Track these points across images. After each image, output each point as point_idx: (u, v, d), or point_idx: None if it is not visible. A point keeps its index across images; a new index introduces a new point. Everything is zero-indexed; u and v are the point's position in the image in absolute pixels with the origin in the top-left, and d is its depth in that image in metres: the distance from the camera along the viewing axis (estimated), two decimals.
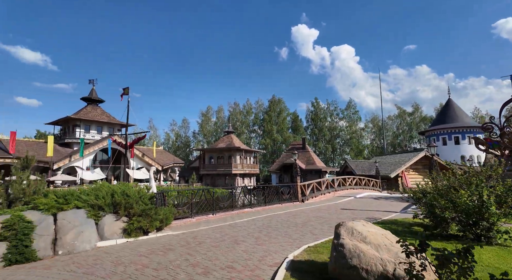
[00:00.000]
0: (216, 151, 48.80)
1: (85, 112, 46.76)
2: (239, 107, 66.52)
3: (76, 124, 44.69)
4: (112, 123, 48.37)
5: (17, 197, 7.00)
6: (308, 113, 64.71)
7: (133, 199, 7.96)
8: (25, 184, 7.37)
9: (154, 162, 46.28)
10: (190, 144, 74.19)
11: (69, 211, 6.98)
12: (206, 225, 9.76)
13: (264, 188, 14.14)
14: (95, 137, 45.54)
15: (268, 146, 60.75)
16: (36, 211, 6.71)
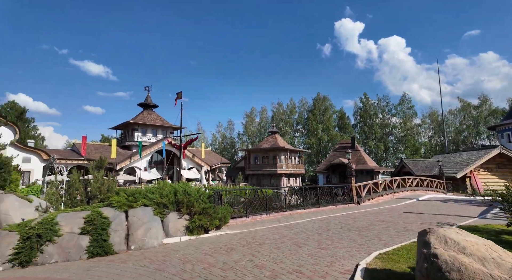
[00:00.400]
0: (261, 151, 49.05)
1: (141, 116, 50.89)
2: (283, 107, 66.11)
3: (135, 128, 48.87)
4: (166, 126, 51.85)
5: (94, 195, 7.70)
6: (356, 110, 61.45)
7: (193, 198, 8.19)
8: (99, 182, 8.08)
9: (203, 162, 48.41)
10: (235, 145, 76.04)
11: (138, 208, 7.43)
12: (261, 225, 9.66)
13: (317, 188, 13.59)
14: (151, 139, 49.23)
15: (313, 145, 59.15)
16: (110, 208, 7.27)
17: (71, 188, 7.60)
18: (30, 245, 5.61)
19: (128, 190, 8.27)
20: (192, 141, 21.68)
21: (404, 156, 57.00)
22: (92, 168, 8.25)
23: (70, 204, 7.61)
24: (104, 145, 47.74)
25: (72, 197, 7.59)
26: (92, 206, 7.21)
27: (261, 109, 69.56)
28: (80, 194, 7.65)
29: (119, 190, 8.29)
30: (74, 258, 5.89)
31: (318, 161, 62.33)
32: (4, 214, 8.67)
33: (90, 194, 7.71)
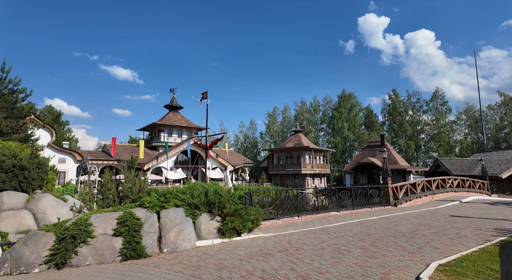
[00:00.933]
0: (284, 150, 48.33)
1: (167, 118, 52.11)
2: (306, 105, 64.77)
3: (161, 129, 50.13)
4: (190, 127, 52.72)
5: (125, 195, 7.60)
6: (385, 107, 58.73)
7: (225, 199, 7.84)
8: (131, 182, 7.97)
9: (226, 162, 48.63)
10: (258, 145, 75.81)
11: (170, 209, 7.19)
12: (294, 228, 9.13)
13: (350, 190, 12.79)
14: (176, 140, 50.25)
15: (339, 144, 57.35)
16: (142, 209, 7.10)
17: (103, 188, 7.56)
18: (65, 246, 5.50)
19: (159, 191, 8.09)
20: (217, 141, 21.59)
21: (436, 154, 53.62)
22: (123, 168, 8.19)
23: (102, 204, 7.58)
24: (132, 146, 49.42)
25: (105, 197, 7.54)
26: (124, 207, 7.07)
27: (283, 108, 68.79)
28: (112, 194, 7.59)
29: (150, 190, 8.14)
30: (107, 261, 5.73)
31: (344, 160, 60.40)
32: (41, 213, 8.84)
33: (122, 194, 7.63)
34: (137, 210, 6.98)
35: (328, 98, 63.58)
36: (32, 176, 9.12)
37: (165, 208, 7.23)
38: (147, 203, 7.11)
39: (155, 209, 7.07)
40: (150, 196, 7.66)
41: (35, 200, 8.98)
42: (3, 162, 8.57)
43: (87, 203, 7.42)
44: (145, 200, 7.20)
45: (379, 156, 39.39)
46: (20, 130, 22.10)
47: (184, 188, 8.39)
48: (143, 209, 7.07)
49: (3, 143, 10.17)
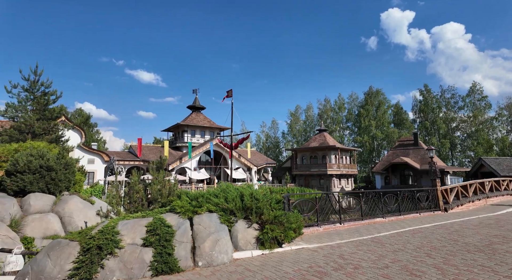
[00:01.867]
0: (309, 150, 46.81)
1: (190, 118, 52.39)
2: (330, 103, 62.58)
3: (184, 129, 50.45)
4: (213, 128, 52.66)
5: (155, 198, 6.90)
6: (415, 104, 55.31)
7: (262, 203, 6.91)
8: (160, 184, 7.27)
9: (249, 162, 47.93)
10: (280, 145, 74.61)
11: (203, 215, 6.38)
12: (339, 237, 8.02)
13: (396, 193, 11.41)
14: (199, 140, 50.34)
15: (366, 144, 54.77)
16: (173, 214, 6.34)
17: (131, 190, 6.94)
18: (91, 258, 4.82)
19: (189, 193, 7.32)
20: (243, 140, 20.84)
21: (473, 154, 49.60)
22: (151, 169, 7.55)
23: (130, 208, 6.96)
24: (157, 147, 50.11)
25: (132, 201, 6.92)
26: (154, 212, 6.35)
27: (306, 107, 66.99)
28: (140, 197, 6.96)
29: (181, 193, 7.39)
30: (137, 276, 4.99)
31: (371, 160, 57.68)
32: (68, 217, 8.38)
33: (151, 197, 6.96)
34: (167, 216, 6.24)
35: (353, 95, 61.10)
36: (59, 177, 8.73)
37: (197, 213, 6.43)
38: (178, 208, 6.34)
39: (187, 214, 6.28)
40: (181, 199, 6.90)
41: (62, 203, 8.57)
42: (30, 162, 8.22)
43: (114, 206, 6.83)
44: (176, 205, 6.44)
45: (412, 155, 36.88)
46: (52, 131, 22.63)
47: (216, 191, 7.57)
48: (174, 215, 6.31)
49: (31, 143, 10.01)
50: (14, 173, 8.14)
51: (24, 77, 22.15)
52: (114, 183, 7.22)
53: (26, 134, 21.16)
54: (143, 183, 7.28)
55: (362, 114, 55.43)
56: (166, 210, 6.53)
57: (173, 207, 6.50)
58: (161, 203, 6.94)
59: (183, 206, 6.44)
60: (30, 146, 9.14)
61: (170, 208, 6.53)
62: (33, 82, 22.63)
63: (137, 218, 6.04)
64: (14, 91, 21.68)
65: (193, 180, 43.11)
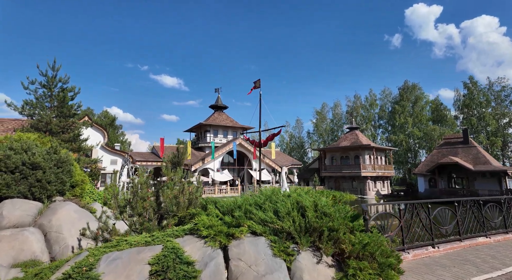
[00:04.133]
0: (339, 150, 43.24)
1: (213, 118, 50.73)
2: (360, 100, 58.26)
3: (207, 129, 48.83)
4: (235, 127, 50.68)
5: (170, 210, 4.45)
6: (458, 98, 49.74)
7: (337, 222, 4.23)
8: (177, 189, 4.81)
9: (274, 163, 45.27)
10: (304, 145, 71.22)
11: (244, 241, 3.82)
12: (447, 271, 5.14)
13: (500, 202, 8.21)
14: (222, 140, 48.48)
15: (402, 143, 50.01)
16: (195, 239, 3.84)
17: (135, 197, 4.56)
18: None
19: (220, 203, 4.81)
20: (274, 136, 18.32)
21: None
22: (166, 167, 5.16)
23: (132, 225, 4.56)
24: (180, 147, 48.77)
25: (136, 213, 4.54)
26: (165, 235, 3.88)
27: (333, 104, 63.02)
28: (147, 207, 4.58)
29: (207, 201, 4.88)
30: None
31: (407, 161, 52.74)
32: (55, 232, 6.14)
33: (163, 209, 4.52)
34: (186, 241, 3.75)
35: (386, 90, 56.32)
36: (48, 178, 6.59)
37: (235, 237, 3.87)
38: (204, 230, 3.82)
39: (218, 240, 3.75)
40: (207, 213, 4.40)
41: (49, 212, 6.39)
42: (8, 158, 6.13)
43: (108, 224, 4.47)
44: (200, 224, 3.94)
45: (461, 154, 32.30)
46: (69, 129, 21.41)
47: (259, 199, 4.98)
48: (197, 240, 3.80)
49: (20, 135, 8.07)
50: None
51: (42, 73, 21.09)
52: (111, 186, 4.89)
53: (43, 132, 20.00)
54: (156, 185, 4.91)
55: (397, 111, 50.67)
56: (185, 230, 4.04)
57: (195, 228, 4.00)
58: (178, 218, 4.50)
59: (212, 225, 3.91)
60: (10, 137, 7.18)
61: (191, 228, 4.03)
62: (51, 78, 21.56)
63: (136, 246, 3.60)
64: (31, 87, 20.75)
65: (216, 182, 41.19)
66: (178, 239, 3.86)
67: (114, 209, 4.74)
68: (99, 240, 4.53)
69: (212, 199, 4.93)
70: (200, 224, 3.89)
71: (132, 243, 3.68)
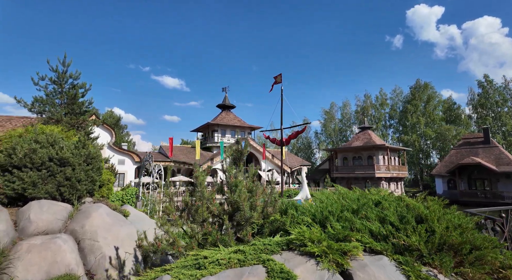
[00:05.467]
0: (351, 150, 42.23)
1: (220, 117, 49.85)
2: (371, 99, 57.15)
3: (215, 129, 47.96)
4: (243, 127, 49.80)
5: (244, 218, 3.47)
6: (472, 97, 48.57)
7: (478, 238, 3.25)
8: (247, 190, 3.85)
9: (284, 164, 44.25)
10: (311, 145, 70.21)
11: (366, 262, 2.84)
12: None
13: None
14: (230, 140, 47.56)
15: (415, 143, 48.89)
16: (298, 256, 2.88)
17: (197, 201, 3.58)
18: None
19: (300, 208, 3.84)
20: (298, 134, 17.36)
21: None
22: (227, 164, 4.18)
23: (195, 235, 3.59)
24: (186, 147, 48.10)
25: (198, 220, 3.57)
26: (255, 249, 2.92)
27: (342, 104, 61.98)
28: (217, 212, 3.59)
29: (287, 205, 3.91)
30: None
31: (419, 162, 51.61)
32: (89, 239, 5.20)
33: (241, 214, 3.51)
34: (290, 260, 2.79)
35: (397, 89, 55.20)
36: (78, 176, 5.66)
37: (347, 254, 2.90)
38: (312, 246, 2.85)
39: (333, 260, 2.78)
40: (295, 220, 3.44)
41: (81, 216, 5.46)
42: (34, 152, 5.21)
43: (169, 231, 3.50)
44: (301, 235, 2.96)
45: (482, 155, 31.19)
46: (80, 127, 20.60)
47: (347, 203, 4.00)
48: (304, 259, 2.84)
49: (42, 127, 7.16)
50: (9, 169, 5.18)
51: (52, 68, 20.27)
52: (163, 187, 3.99)
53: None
54: (216, 185, 3.95)
55: (409, 110, 49.56)
56: (279, 244, 3.07)
57: (293, 240, 3.03)
58: (257, 228, 3.54)
59: (319, 239, 2.94)
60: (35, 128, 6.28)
61: (289, 241, 3.07)
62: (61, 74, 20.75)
63: (229, 267, 2.64)
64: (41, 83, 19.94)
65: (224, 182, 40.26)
66: (275, 256, 2.90)
67: (172, 214, 3.78)
68: (158, 253, 3.56)
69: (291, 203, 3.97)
70: (302, 237, 2.92)
71: (220, 262, 2.73)
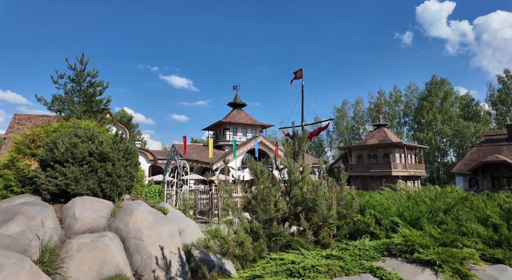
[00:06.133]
0: (367, 148, 41.39)
1: (232, 116, 49.60)
2: (385, 96, 55.94)
3: (226, 127, 47.73)
4: (255, 125, 49.44)
5: (325, 215, 3.07)
6: (491, 93, 46.95)
7: None
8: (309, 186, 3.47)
9: None
10: (323, 144, 69.42)
11: (491, 273, 2.42)
12: None
13: None
14: (242, 139, 47.31)
15: (431, 141, 47.64)
16: (405, 263, 2.47)
17: (267, 196, 3.23)
18: None
19: (378, 207, 3.43)
20: (320, 131, 16.89)
21: None
22: (286, 155, 3.81)
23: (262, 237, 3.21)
24: (199, 146, 48.08)
25: (265, 219, 3.18)
26: (352, 254, 2.54)
27: (355, 101, 60.86)
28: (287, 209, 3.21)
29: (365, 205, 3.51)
30: None
31: (435, 160, 50.31)
32: (134, 238, 4.91)
33: (316, 216, 3.16)
34: (399, 269, 2.39)
35: (412, 86, 53.78)
36: (118, 172, 5.39)
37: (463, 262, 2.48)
38: (425, 252, 2.44)
39: (451, 270, 2.37)
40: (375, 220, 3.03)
41: (123, 214, 5.18)
42: (75, 146, 4.96)
43: (239, 233, 3.11)
44: (408, 240, 2.56)
45: (506, 152, 30.04)
46: None
47: (421, 199, 3.57)
48: (413, 267, 2.43)
49: (76, 121, 6.94)
50: (51, 164, 4.93)
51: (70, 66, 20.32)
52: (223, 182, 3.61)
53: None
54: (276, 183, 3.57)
55: (425, 107, 48.22)
56: (378, 249, 2.68)
57: (396, 244, 2.63)
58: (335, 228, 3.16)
59: (426, 244, 2.53)
60: (75, 122, 6.06)
61: (388, 246, 2.67)
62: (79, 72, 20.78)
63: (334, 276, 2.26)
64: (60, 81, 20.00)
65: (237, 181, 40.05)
66: (377, 263, 2.51)
67: (232, 210, 3.44)
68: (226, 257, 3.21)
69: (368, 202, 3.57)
70: (416, 242, 2.52)
71: (319, 269, 2.35)
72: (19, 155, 5.41)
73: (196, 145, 48.17)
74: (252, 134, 49.61)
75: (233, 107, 52.71)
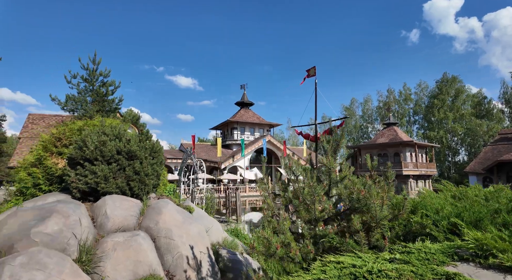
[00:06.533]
0: (376, 147, 40.88)
1: (239, 115, 49.50)
2: (394, 94, 55.18)
3: (234, 126, 47.66)
4: (262, 124, 49.28)
5: (378, 216, 2.90)
6: (505, 90, 45.91)
7: None
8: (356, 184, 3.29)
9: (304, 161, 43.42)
10: None
11: None
12: None
13: None
14: (249, 138, 47.20)
15: (442, 139, 46.83)
16: (482, 270, 2.30)
17: (312, 196, 3.08)
18: None
19: (428, 207, 3.24)
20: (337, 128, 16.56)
21: None
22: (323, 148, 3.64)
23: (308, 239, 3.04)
24: (206, 145, 48.14)
25: (309, 218, 3.00)
26: (418, 257, 2.37)
27: (363, 100, 60.19)
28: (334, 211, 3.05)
29: (416, 205, 3.33)
30: None
31: (446, 159, 49.48)
32: (164, 237, 4.81)
33: (369, 217, 2.99)
34: (476, 276, 2.21)
35: (422, 84, 52.94)
36: (146, 170, 5.30)
37: None
38: (503, 257, 2.26)
39: None
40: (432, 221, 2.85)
41: (152, 212, 5.09)
42: (104, 144, 4.87)
43: (287, 232, 2.92)
44: (484, 244, 2.38)
45: None
46: None
47: (470, 198, 3.37)
48: (486, 272, 2.26)
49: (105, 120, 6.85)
50: (81, 162, 4.86)
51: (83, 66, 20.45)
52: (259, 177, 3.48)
53: None
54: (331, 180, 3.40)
55: (436, 105, 47.41)
56: (446, 253, 2.50)
57: (469, 248, 2.46)
58: (388, 229, 3.00)
59: (504, 248, 2.35)
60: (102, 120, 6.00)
61: (458, 249, 2.49)
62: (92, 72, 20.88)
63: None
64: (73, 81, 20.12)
65: (245, 180, 39.99)
66: (449, 268, 2.34)
67: (272, 210, 3.29)
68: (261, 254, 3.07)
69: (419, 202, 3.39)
70: (494, 246, 2.34)
71: (388, 274, 2.19)
72: (46, 154, 5.36)
73: (203, 144, 48.23)
74: (259, 133, 49.47)
75: (241, 106, 52.60)
